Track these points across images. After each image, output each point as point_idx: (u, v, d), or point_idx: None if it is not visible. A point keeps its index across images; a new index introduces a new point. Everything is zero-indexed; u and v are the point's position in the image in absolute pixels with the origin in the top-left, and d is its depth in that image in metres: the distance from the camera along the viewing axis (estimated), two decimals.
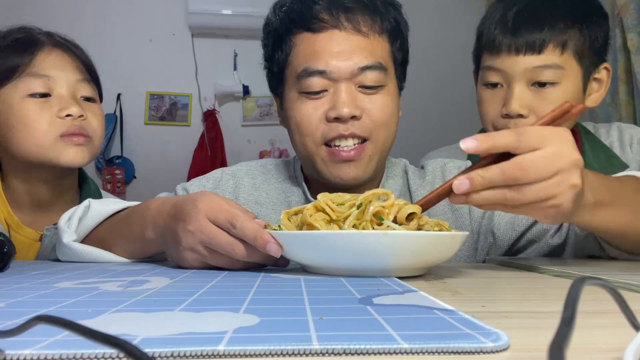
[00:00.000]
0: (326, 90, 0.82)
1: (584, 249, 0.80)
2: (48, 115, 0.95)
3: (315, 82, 0.82)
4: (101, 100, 1.09)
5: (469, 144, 0.52)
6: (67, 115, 0.96)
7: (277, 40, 0.87)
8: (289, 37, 0.85)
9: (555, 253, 0.83)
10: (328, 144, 0.83)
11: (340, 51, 0.81)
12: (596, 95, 1.06)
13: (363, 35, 0.82)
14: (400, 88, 0.91)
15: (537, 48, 0.98)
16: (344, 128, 0.80)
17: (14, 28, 1.02)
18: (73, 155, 0.97)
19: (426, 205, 0.58)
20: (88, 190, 1.09)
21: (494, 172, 0.51)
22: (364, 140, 0.83)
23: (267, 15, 0.90)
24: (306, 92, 0.83)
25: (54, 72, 0.98)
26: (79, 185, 1.10)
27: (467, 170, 0.54)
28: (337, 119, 0.80)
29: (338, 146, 0.82)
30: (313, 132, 0.83)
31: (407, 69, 0.93)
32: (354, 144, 0.82)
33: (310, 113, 0.82)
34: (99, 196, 1.10)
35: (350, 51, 0.81)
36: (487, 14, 1.07)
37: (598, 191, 0.60)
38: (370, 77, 0.82)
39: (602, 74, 1.05)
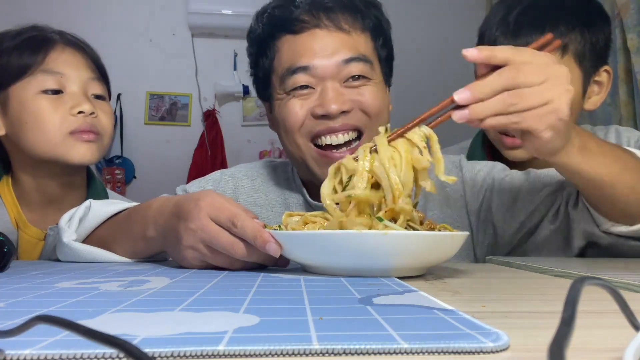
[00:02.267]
0: (312, 88, 0.82)
1: (580, 222, 0.77)
2: (60, 112, 0.96)
3: (300, 78, 0.82)
4: (110, 100, 1.09)
5: (471, 52, 0.55)
6: (79, 113, 0.97)
7: (261, 47, 0.88)
8: (272, 42, 0.86)
9: (556, 242, 0.81)
10: (317, 143, 0.83)
11: (323, 47, 0.82)
12: (596, 98, 1.06)
13: (345, 32, 0.83)
14: (388, 84, 0.91)
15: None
16: (333, 122, 0.81)
17: (26, 27, 1.02)
18: (83, 152, 0.97)
19: (428, 119, 0.60)
20: (95, 189, 1.09)
21: (492, 78, 0.55)
22: (359, 133, 0.83)
23: (250, 24, 0.91)
24: (292, 90, 0.83)
25: (67, 69, 0.99)
26: (87, 184, 1.10)
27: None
28: (325, 117, 0.80)
29: (329, 145, 0.82)
30: (299, 128, 0.83)
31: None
32: (345, 141, 0.82)
33: (296, 110, 0.83)
34: (104, 195, 1.11)
35: (333, 48, 0.82)
36: (490, 14, 1.08)
37: (585, 138, 0.65)
38: (355, 68, 0.82)
39: (602, 76, 1.05)
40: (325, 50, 0.81)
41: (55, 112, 0.96)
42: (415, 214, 0.57)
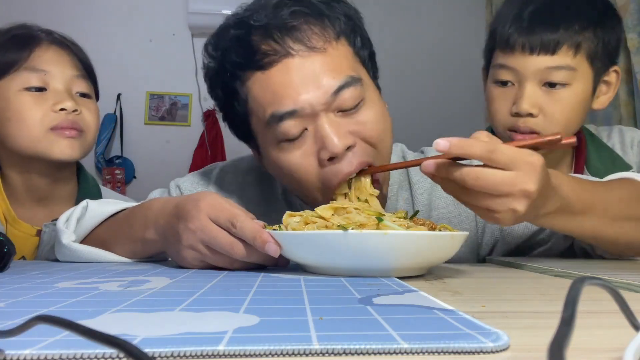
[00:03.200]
0: (305, 129, 0.70)
1: (581, 242, 0.81)
2: (42, 109, 0.97)
3: (290, 126, 0.70)
4: (97, 99, 1.10)
5: (441, 145, 0.54)
6: (62, 110, 0.98)
7: (227, 90, 0.76)
8: (238, 83, 0.74)
9: (565, 254, 0.83)
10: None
11: (303, 80, 0.69)
12: (604, 97, 1.06)
13: (320, 52, 0.70)
14: (378, 86, 0.81)
15: (551, 49, 0.98)
16: (346, 165, 0.70)
17: (15, 25, 1.04)
18: (64, 148, 0.98)
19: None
20: (86, 184, 1.11)
21: (455, 171, 0.55)
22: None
23: (202, 61, 0.78)
24: (285, 140, 0.71)
25: (51, 67, 1.00)
26: (77, 180, 1.11)
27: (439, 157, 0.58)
28: (332, 158, 0.70)
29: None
30: (312, 185, 0.72)
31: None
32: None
33: (301, 163, 0.71)
34: (97, 190, 1.12)
35: (314, 77, 0.69)
36: (502, 10, 1.07)
37: (568, 200, 0.62)
38: (348, 96, 0.70)
39: (611, 76, 1.05)
40: (307, 83, 0.69)
41: (37, 108, 0.97)
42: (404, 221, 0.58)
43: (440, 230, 0.58)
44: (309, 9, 0.72)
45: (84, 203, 0.79)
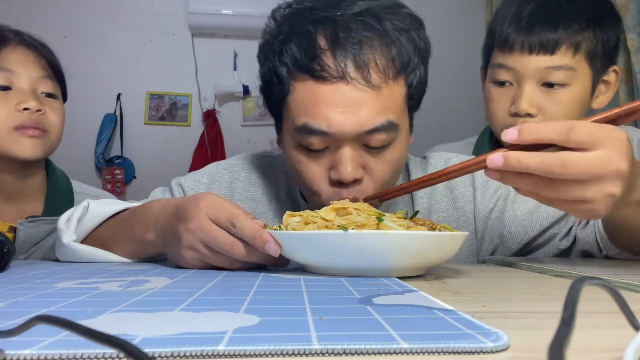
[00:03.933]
0: (328, 147, 0.72)
1: (583, 246, 0.81)
2: (6, 108, 0.99)
3: (316, 141, 0.71)
4: (65, 99, 1.11)
5: (509, 135, 0.50)
6: (25, 109, 0.99)
7: (274, 70, 0.75)
8: (286, 71, 0.73)
9: (561, 256, 0.83)
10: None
11: (346, 108, 0.69)
12: (603, 97, 1.06)
13: (374, 89, 0.70)
14: (412, 120, 0.80)
15: (550, 48, 0.97)
16: (347, 192, 0.72)
17: None
18: (26, 147, 1.00)
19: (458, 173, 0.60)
20: (55, 179, 1.12)
21: (532, 160, 0.50)
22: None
23: (265, 29, 0.78)
24: (306, 148, 0.73)
25: (17, 67, 1.01)
26: (47, 175, 1.13)
27: (507, 148, 0.53)
28: (339, 181, 0.72)
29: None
30: (317, 193, 0.75)
31: None
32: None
33: (313, 171, 0.74)
34: (67, 184, 1.13)
35: (357, 108, 0.69)
36: (500, 10, 1.06)
37: None
38: (377, 139, 0.71)
39: (610, 76, 1.05)
40: (348, 112, 0.69)
41: (0, 107, 0.98)
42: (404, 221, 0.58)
43: (440, 231, 0.58)
44: (383, 36, 0.71)
45: (84, 203, 0.79)
